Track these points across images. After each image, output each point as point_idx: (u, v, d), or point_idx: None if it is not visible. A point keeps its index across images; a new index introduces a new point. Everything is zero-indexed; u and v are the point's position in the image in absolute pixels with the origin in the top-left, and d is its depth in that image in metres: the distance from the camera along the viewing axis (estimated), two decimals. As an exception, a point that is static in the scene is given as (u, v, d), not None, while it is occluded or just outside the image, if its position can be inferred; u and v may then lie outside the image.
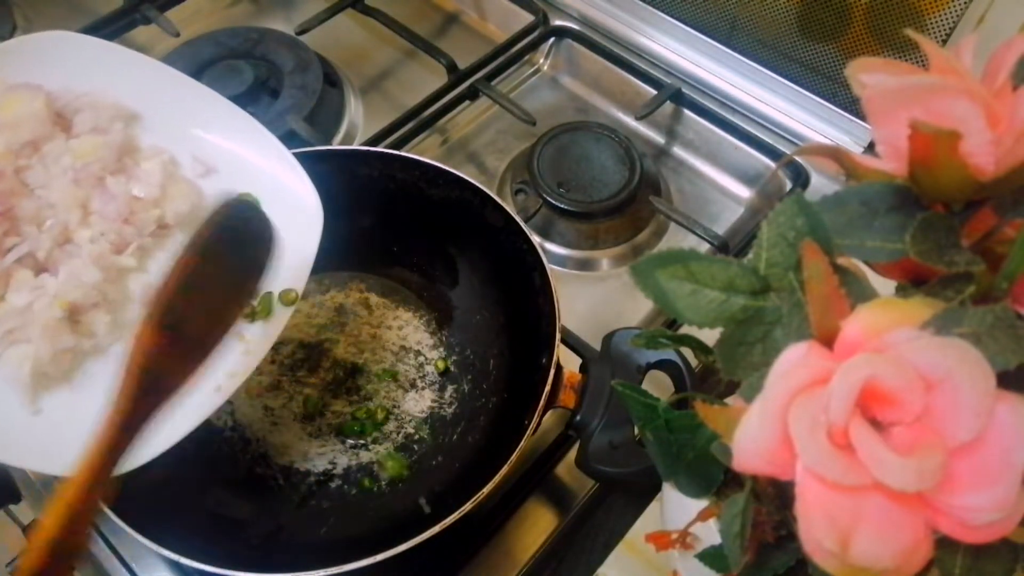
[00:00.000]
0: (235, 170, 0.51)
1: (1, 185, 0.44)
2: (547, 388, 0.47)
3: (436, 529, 0.42)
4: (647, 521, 0.52)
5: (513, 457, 0.44)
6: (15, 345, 0.42)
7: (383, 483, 0.53)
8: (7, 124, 0.46)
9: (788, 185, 0.71)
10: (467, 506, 0.43)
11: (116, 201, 0.47)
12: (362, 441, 0.55)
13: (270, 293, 0.48)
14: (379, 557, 0.41)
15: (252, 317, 0.47)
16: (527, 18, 0.81)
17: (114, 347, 0.45)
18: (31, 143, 0.46)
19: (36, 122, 0.46)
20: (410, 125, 0.72)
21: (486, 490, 0.43)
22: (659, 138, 0.78)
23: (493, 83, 0.75)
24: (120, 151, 0.48)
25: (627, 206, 0.68)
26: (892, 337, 0.21)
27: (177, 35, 0.77)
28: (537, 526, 0.54)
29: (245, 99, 0.72)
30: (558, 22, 0.82)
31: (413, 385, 0.58)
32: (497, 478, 0.44)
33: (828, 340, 0.22)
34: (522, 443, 0.45)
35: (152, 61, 0.52)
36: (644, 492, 0.53)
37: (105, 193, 0.47)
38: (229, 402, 0.53)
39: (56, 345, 0.42)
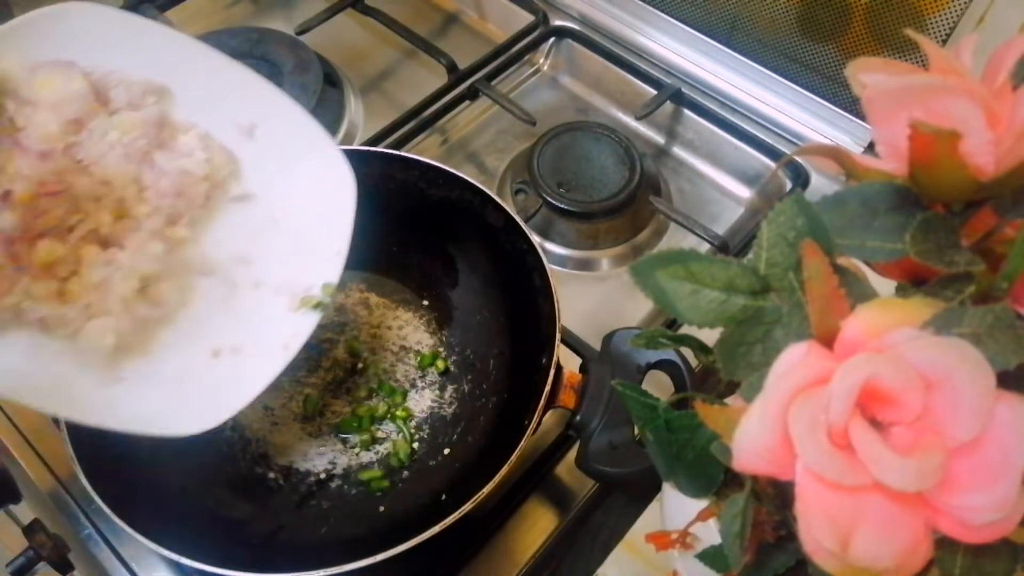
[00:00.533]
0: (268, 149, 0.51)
1: (55, 164, 0.44)
2: (547, 388, 0.47)
3: (436, 529, 0.42)
4: (647, 521, 0.52)
5: (513, 457, 0.44)
6: (94, 319, 0.43)
7: (383, 483, 0.53)
8: (52, 104, 0.45)
9: (788, 185, 0.71)
10: (467, 506, 0.43)
11: (168, 176, 0.47)
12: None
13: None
14: (379, 557, 0.41)
15: None
16: (527, 18, 0.81)
17: (180, 313, 0.46)
18: (75, 120, 0.46)
19: (81, 101, 0.46)
20: (410, 125, 0.72)
21: (486, 490, 0.43)
22: (659, 138, 0.78)
23: (493, 83, 0.75)
24: (158, 125, 0.49)
25: (627, 206, 0.68)
26: (892, 337, 0.21)
27: (177, 35, 0.77)
28: (537, 526, 0.54)
29: (245, 99, 0.71)
30: (558, 22, 0.82)
31: (413, 385, 0.58)
32: (497, 478, 0.44)
33: (828, 340, 0.22)
34: (522, 443, 0.45)
35: (174, 32, 0.51)
36: (644, 492, 0.53)
37: (155, 168, 0.47)
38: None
39: (135, 316, 0.44)
